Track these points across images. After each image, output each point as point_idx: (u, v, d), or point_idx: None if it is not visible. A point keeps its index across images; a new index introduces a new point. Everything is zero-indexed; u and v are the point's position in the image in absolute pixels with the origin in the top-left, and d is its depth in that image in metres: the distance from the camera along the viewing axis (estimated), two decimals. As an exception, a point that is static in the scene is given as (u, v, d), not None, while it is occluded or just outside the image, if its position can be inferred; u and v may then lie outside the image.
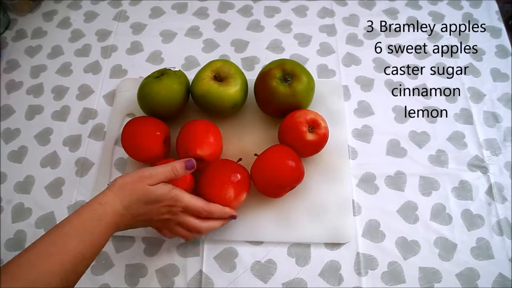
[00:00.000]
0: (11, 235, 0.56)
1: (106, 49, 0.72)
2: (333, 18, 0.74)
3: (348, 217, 0.54)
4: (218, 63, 0.59)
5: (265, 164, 0.52)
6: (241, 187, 0.51)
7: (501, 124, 0.61)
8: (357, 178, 0.58)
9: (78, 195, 0.58)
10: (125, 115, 0.64)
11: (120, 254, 0.54)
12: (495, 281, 0.50)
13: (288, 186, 0.52)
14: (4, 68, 0.71)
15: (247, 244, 0.54)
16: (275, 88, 0.55)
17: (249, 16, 0.75)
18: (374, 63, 0.68)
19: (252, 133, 0.61)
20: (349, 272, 0.52)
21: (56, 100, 0.67)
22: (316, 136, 0.53)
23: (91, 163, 0.61)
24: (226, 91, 0.56)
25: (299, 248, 0.53)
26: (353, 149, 0.60)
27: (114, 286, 0.52)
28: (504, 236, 0.53)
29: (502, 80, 0.66)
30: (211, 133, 0.55)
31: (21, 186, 0.60)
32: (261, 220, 0.54)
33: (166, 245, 0.54)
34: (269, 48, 0.71)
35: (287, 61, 0.57)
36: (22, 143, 0.63)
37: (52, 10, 0.78)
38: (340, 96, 0.64)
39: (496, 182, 0.57)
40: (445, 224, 0.54)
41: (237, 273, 0.52)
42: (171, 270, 0.53)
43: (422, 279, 0.51)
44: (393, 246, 0.53)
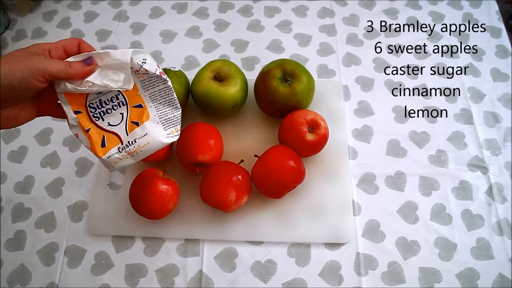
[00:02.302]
0: (11, 235, 0.56)
1: (106, 49, 0.72)
2: (333, 18, 0.74)
3: (348, 217, 0.54)
4: (218, 63, 0.59)
5: (266, 165, 0.52)
6: (243, 190, 0.51)
7: (501, 124, 0.61)
8: (357, 178, 0.58)
9: (78, 195, 0.58)
10: (125, 115, 0.64)
11: (120, 254, 0.54)
12: (495, 281, 0.50)
13: (289, 186, 0.52)
14: (4, 68, 0.71)
15: (247, 244, 0.54)
16: (275, 88, 0.55)
17: (249, 16, 0.75)
18: (374, 63, 0.68)
19: (252, 133, 0.61)
20: (349, 272, 0.52)
21: (56, 100, 0.67)
22: (316, 136, 0.53)
23: (91, 163, 0.61)
24: (226, 91, 0.56)
25: (299, 248, 0.53)
26: (353, 149, 0.60)
27: (114, 286, 0.52)
28: (504, 236, 0.53)
29: (502, 80, 0.66)
30: (212, 136, 0.55)
31: (21, 186, 0.60)
32: (261, 220, 0.54)
33: (166, 245, 0.54)
34: (269, 48, 0.71)
35: (287, 61, 0.57)
36: (22, 143, 0.63)
37: (52, 10, 0.78)
38: (340, 96, 0.64)
39: (496, 182, 0.57)
40: (445, 224, 0.54)
41: (237, 273, 0.52)
42: (171, 270, 0.53)
43: (422, 279, 0.51)
44: (393, 246, 0.53)
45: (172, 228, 0.54)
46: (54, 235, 0.56)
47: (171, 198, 0.51)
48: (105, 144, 0.42)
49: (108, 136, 0.42)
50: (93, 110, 0.41)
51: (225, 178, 0.51)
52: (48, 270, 0.53)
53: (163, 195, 0.50)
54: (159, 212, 0.51)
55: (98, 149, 0.42)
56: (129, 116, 0.43)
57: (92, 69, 0.39)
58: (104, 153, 0.42)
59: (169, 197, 0.51)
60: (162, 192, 0.50)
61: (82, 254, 0.54)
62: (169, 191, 0.51)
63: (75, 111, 0.41)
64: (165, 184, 0.51)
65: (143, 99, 0.42)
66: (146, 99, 0.43)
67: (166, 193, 0.50)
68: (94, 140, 0.42)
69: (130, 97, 0.42)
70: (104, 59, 0.39)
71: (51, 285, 0.52)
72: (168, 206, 0.51)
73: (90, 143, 0.42)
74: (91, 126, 0.41)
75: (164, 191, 0.50)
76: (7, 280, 0.53)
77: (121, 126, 0.42)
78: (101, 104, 0.41)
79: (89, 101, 0.41)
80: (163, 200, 0.50)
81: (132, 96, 0.42)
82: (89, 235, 0.55)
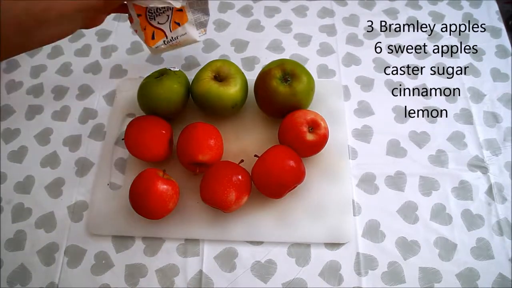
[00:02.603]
0: (11, 235, 0.56)
1: (106, 49, 0.72)
2: (333, 18, 0.74)
3: (348, 217, 0.54)
4: (218, 63, 0.59)
5: (266, 165, 0.52)
6: (243, 190, 0.51)
7: (501, 124, 0.61)
8: (357, 178, 0.58)
9: (78, 195, 0.58)
10: (125, 115, 0.64)
11: (120, 254, 0.54)
12: (495, 281, 0.50)
13: (289, 186, 0.52)
14: (4, 68, 0.71)
15: (247, 244, 0.54)
16: (275, 88, 0.55)
17: (249, 16, 0.75)
18: (374, 63, 0.68)
19: (252, 133, 0.61)
20: (349, 272, 0.52)
21: (56, 100, 0.67)
22: (316, 136, 0.53)
23: (91, 163, 0.61)
24: (226, 91, 0.56)
25: (299, 248, 0.53)
26: (353, 149, 0.60)
27: (114, 286, 0.52)
28: (504, 236, 0.53)
29: (502, 80, 0.66)
30: (211, 136, 0.55)
31: (21, 186, 0.60)
32: (261, 220, 0.54)
33: (166, 245, 0.54)
34: (269, 48, 0.71)
35: (287, 61, 0.57)
36: (22, 143, 0.63)
37: (52, 10, 0.78)
38: (340, 96, 0.64)
39: (496, 182, 0.57)
40: (445, 224, 0.54)
41: (237, 273, 0.52)
42: (171, 270, 0.53)
43: (422, 279, 0.51)
44: (393, 246, 0.53)
45: (172, 228, 0.54)
46: (54, 235, 0.56)
47: (171, 198, 0.51)
48: (154, 37, 0.58)
49: (157, 31, 0.57)
50: (149, 14, 0.55)
51: (225, 178, 0.51)
52: (48, 270, 0.53)
53: (163, 195, 0.50)
54: (159, 212, 0.51)
55: (149, 41, 0.58)
56: (173, 18, 0.57)
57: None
58: (153, 44, 0.58)
59: (169, 197, 0.51)
60: (162, 192, 0.50)
61: (82, 254, 0.54)
62: (169, 191, 0.51)
63: (138, 14, 0.55)
64: (165, 184, 0.51)
65: (184, 6, 0.56)
66: (186, 6, 0.57)
67: (166, 193, 0.50)
68: (147, 35, 0.57)
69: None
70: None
71: (51, 285, 0.52)
72: (168, 206, 0.51)
73: (145, 37, 0.57)
74: (146, 25, 0.56)
75: (164, 191, 0.50)
76: (7, 280, 0.53)
77: (166, 24, 0.57)
78: (156, 9, 0.55)
79: (149, 8, 0.54)
80: (163, 200, 0.50)
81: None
82: (89, 235, 0.55)
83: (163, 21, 0.57)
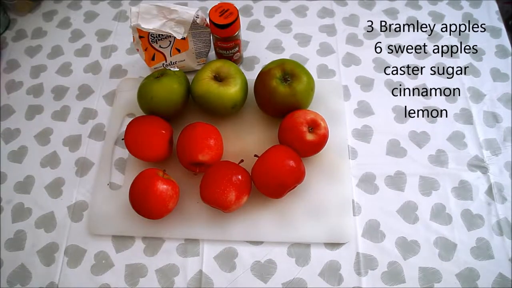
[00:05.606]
0: (11, 235, 0.56)
1: (106, 49, 0.72)
2: (333, 18, 0.74)
3: (348, 217, 0.54)
4: (218, 63, 0.59)
5: (266, 165, 0.52)
6: (242, 190, 0.51)
7: (501, 124, 0.61)
8: (357, 178, 0.58)
9: (78, 195, 0.58)
10: (125, 115, 0.64)
11: (120, 254, 0.54)
12: (495, 281, 0.50)
13: (289, 186, 0.52)
14: (4, 68, 0.71)
15: (247, 244, 0.54)
16: (275, 88, 0.55)
17: (249, 16, 0.75)
18: (374, 63, 0.68)
19: (252, 133, 0.61)
20: (349, 272, 0.52)
21: (56, 100, 0.67)
22: (316, 136, 0.53)
23: (91, 163, 0.61)
24: (226, 91, 0.56)
25: (299, 248, 0.53)
26: (353, 149, 0.60)
27: (114, 286, 0.52)
28: (504, 236, 0.53)
29: (502, 80, 0.66)
30: (211, 136, 0.55)
31: (21, 186, 0.60)
32: (261, 220, 0.54)
33: (166, 245, 0.54)
34: (269, 48, 0.71)
35: (287, 61, 0.57)
36: (22, 143, 0.63)
37: (52, 10, 0.78)
38: (340, 96, 0.64)
39: (496, 182, 0.57)
40: (445, 224, 0.54)
41: (237, 273, 0.52)
42: (171, 270, 0.53)
43: (422, 279, 0.51)
44: (393, 246, 0.53)
45: (172, 228, 0.54)
46: (54, 235, 0.56)
47: (171, 198, 0.51)
48: (154, 59, 0.63)
49: (157, 54, 0.62)
50: (152, 37, 0.59)
51: (225, 178, 0.51)
52: (48, 270, 0.53)
53: (163, 195, 0.50)
54: (159, 212, 0.51)
55: (149, 62, 0.63)
56: (175, 44, 0.61)
57: None
58: (153, 65, 0.64)
59: (169, 197, 0.51)
60: (162, 192, 0.50)
61: (82, 254, 0.54)
62: (169, 191, 0.51)
63: (140, 36, 0.58)
64: (165, 184, 0.51)
65: (187, 35, 0.59)
66: (189, 35, 0.60)
67: (166, 193, 0.50)
68: (148, 55, 0.62)
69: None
70: (172, 14, 0.58)
71: (51, 285, 0.52)
72: (168, 206, 0.51)
73: (146, 57, 0.62)
74: (148, 46, 0.60)
75: (164, 191, 0.50)
76: (7, 280, 0.53)
77: (167, 49, 0.61)
78: (158, 35, 0.59)
79: (151, 33, 0.58)
80: (163, 200, 0.50)
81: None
82: (89, 235, 0.55)
83: (165, 45, 0.61)
